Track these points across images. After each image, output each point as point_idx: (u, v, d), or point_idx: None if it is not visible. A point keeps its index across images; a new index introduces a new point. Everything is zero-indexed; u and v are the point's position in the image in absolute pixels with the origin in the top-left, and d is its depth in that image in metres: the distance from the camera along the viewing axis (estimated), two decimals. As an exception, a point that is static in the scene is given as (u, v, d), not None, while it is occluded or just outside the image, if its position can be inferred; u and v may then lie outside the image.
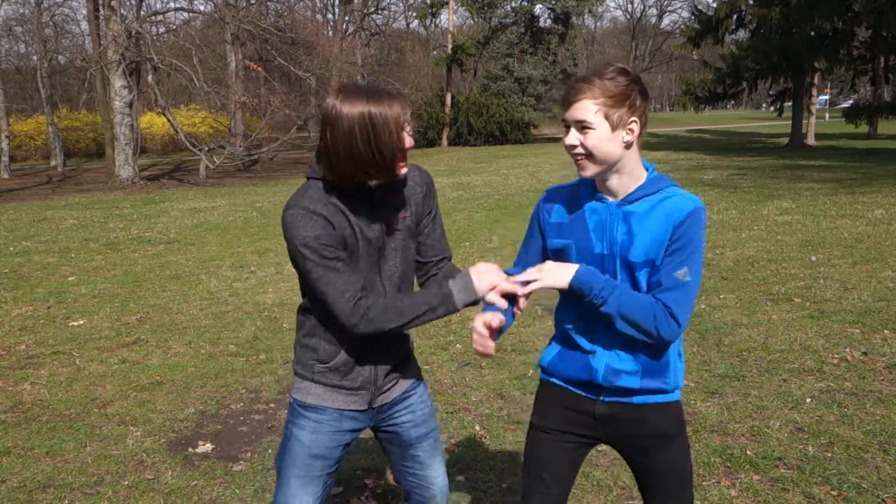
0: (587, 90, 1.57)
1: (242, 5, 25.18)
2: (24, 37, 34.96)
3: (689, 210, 1.62)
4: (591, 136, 1.59)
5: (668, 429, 1.73)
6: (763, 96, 46.75)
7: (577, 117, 1.59)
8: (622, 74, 1.59)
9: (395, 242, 1.82)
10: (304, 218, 1.68)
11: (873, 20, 19.85)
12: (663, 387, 1.71)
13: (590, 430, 1.78)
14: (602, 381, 1.70)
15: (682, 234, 1.61)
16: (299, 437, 1.86)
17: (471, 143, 33.02)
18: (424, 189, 1.88)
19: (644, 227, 1.63)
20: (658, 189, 1.66)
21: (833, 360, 4.24)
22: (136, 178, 19.83)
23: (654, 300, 1.61)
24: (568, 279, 1.64)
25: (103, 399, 4.17)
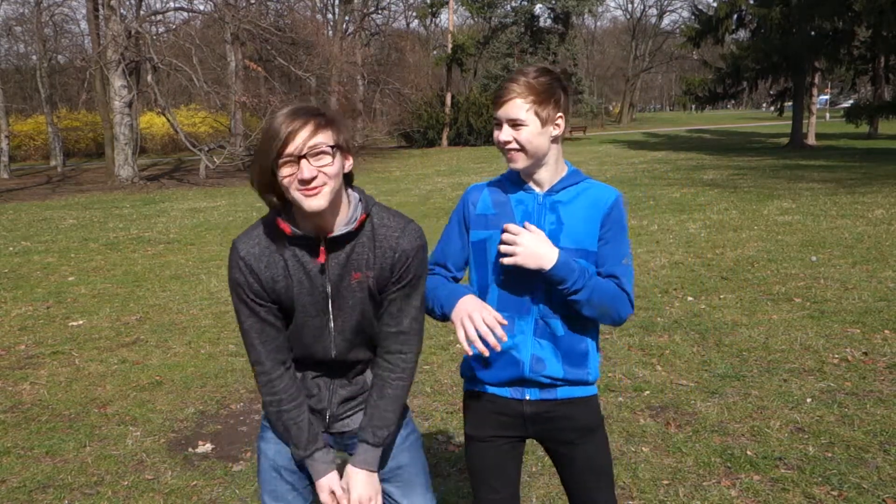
0: (517, 90, 1.66)
1: (242, 5, 25.18)
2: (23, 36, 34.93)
3: (613, 200, 1.74)
4: (523, 131, 1.67)
5: (591, 422, 1.81)
6: (763, 96, 46.75)
7: (510, 115, 1.67)
8: (545, 74, 1.68)
9: (350, 299, 1.66)
10: (235, 262, 1.64)
11: (874, 20, 19.84)
12: (585, 377, 1.78)
13: (521, 431, 1.83)
14: (529, 373, 1.75)
15: (613, 223, 1.73)
16: (265, 450, 1.81)
17: (471, 143, 33.03)
18: (395, 255, 1.64)
19: (571, 215, 1.73)
20: (578, 181, 1.77)
21: (833, 360, 4.24)
22: (136, 178, 19.82)
23: (614, 284, 1.71)
24: (550, 264, 1.66)
25: (103, 399, 4.16)
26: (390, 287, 1.67)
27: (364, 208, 1.66)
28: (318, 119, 1.56)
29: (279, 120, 1.54)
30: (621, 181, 14.68)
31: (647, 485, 2.94)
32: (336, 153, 1.57)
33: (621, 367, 4.30)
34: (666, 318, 5.25)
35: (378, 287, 1.67)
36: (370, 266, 1.65)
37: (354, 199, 1.68)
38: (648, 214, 10.15)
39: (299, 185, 1.52)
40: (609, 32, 72.45)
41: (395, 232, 1.67)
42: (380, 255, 1.65)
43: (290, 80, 27.22)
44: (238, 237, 1.66)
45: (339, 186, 1.60)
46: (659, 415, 3.62)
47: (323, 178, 1.53)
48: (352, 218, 1.64)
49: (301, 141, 1.52)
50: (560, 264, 1.66)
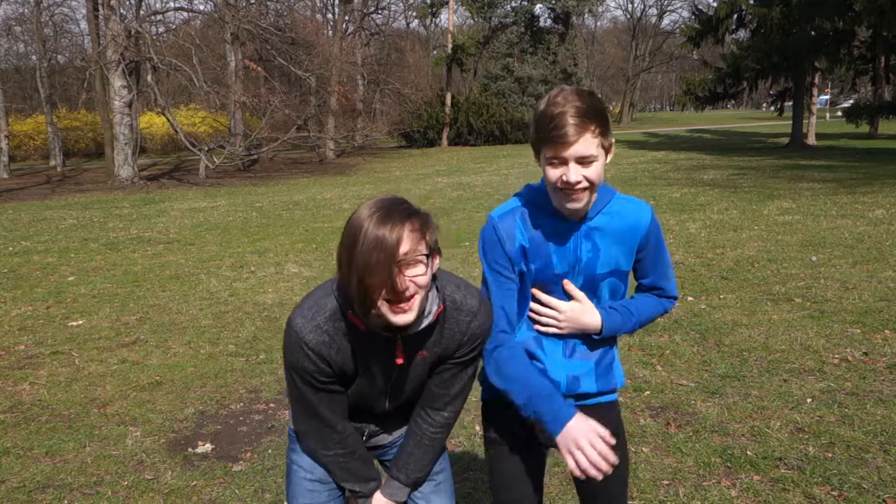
0: (581, 122, 1.49)
1: (242, 5, 25.20)
2: (23, 36, 34.96)
3: (648, 221, 1.69)
4: (593, 167, 1.53)
5: (616, 427, 1.76)
6: (763, 96, 46.75)
7: (582, 153, 1.51)
8: (590, 95, 1.54)
9: (409, 374, 1.64)
10: (300, 351, 1.52)
11: (874, 20, 19.82)
12: (612, 386, 1.79)
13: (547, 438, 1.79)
14: (566, 392, 1.73)
15: (651, 241, 1.71)
16: (300, 463, 1.79)
17: (471, 143, 33.03)
18: (465, 339, 1.60)
19: (607, 241, 1.67)
20: (609, 199, 1.67)
21: (833, 361, 4.23)
22: (136, 178, 19.83)
23: (655, 298, 1.77)
24: (598, 331, 1.68)
25: (103, 399, 4.16)
26: (450, 360, 1.64)
27: (440, 297, 1.55)
28: (413, 221, 1.39)
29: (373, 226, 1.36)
30: (621, 181, 14.68)
31: (647, 485, 2.94)
32: (429, 260, 1.42)
33: (621, 367, 4.29)
34: (666, 318, 5.24)
35: (440, 362, 1.64)
36: (437, 345, 1.59)
37: (431, 289, 1.55)
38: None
39: (386, 297, 1.38)
40: (609, 32, 72.44)
41: (467, 317, 1.58)
42: (448, 336, 1.59)
43: (290, 80, 27.24)
44: (299, 319, 1.52)
45: (428, 290, 1.48)
46: (659, 415, 3.62)
47: (414, 290, 1.40)
48: (429, 311, 1.53)
49: (402, 250, 1.36)
50: (607, 329, 1.69)
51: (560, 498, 2.85)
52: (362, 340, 1.53)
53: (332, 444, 1.68)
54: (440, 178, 17.95)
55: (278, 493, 3.03)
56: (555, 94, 1.54)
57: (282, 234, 10.12)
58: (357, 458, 1.70)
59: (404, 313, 1.41)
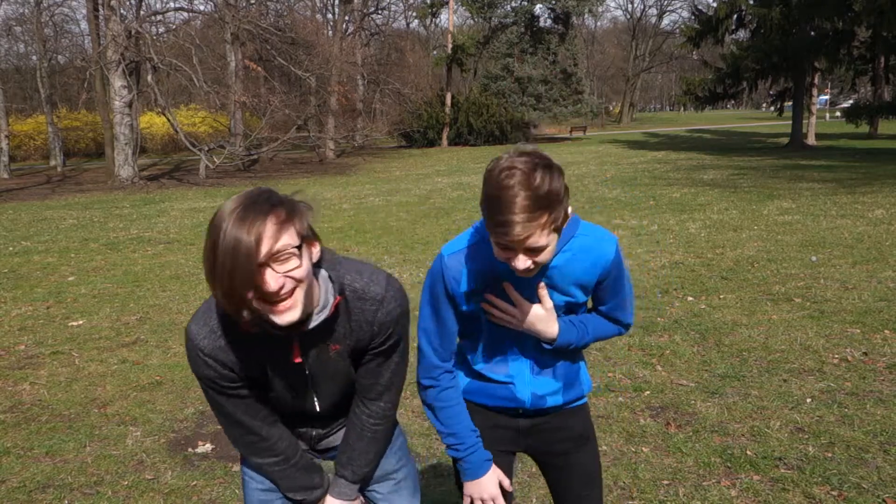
0: (529, 215, 1.33)
1: (242, 5, 25.20)
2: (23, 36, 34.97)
3: (612, 256, 1.59)
4: (545, 254, 1.44)
5: (584, 430, 1.78)
6: (763, 96, 46.76)
7: (532, 246, 1.39)
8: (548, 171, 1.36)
9: (331, 368, 1.56)
10: (197, 358, 1.45)
11: (874, 20, 19.83)
12: (580, 394, 1.77)
13: (515, 445, 1.79)
14: (530, 409, 1.72)
15: (613, 275, 1.64)
16: (250, 473, 1.74)
17: (471, 143, 33.03)
18: (375, 329, 1.51)
19: (566, 280, 1.60)
20: (570, 236, 1.56)
21: (833, 360, 4.23)
22: (136, 178, 19.83)
23: (611, 322, 1.73)
24: (552, 341, 1.63)
25: (103, 399, 4.16)
26: (368, 352, 1.57)
27: (336, 288, 1.46)
28: (276, 213, 1.29)
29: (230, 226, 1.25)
30: (621, 181, 14.68)
31: (647, 485, 2.94)
32: (302, 250, 1.32)
33: (621, 367, 4.30)
34: (666, 318, 5.25)
35: (356, 352, 1.57)
36: (348, 337, 1.52)
37: (325, 280, 1.46)
38: (648, 214, 10.15)
39: (262, 298, 1.28)
40: (609, 32, 72.44)
41: (372, 306, 1.49)
42: (357, 327, 1.51)
43: (290, 80, 27.24)
44: (193, 326, 1.46)
45: (311, 281, 1.38)
46: (659, 415, 3.62)
47: (292, 285, 1.30)
48: (325, 304, 1.44)
49: (265, 249, 1.25)
50: (561, 340, 1.63)
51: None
52: (258, 342, 1.43)
53: (262, 452, 1.61)
54: (440, 178, 17.95)
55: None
56: (506, 168, 1.36)
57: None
58: (293, 465, 1.64)
59: (287, 312, 1.31)
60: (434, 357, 1.68)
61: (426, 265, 7.48)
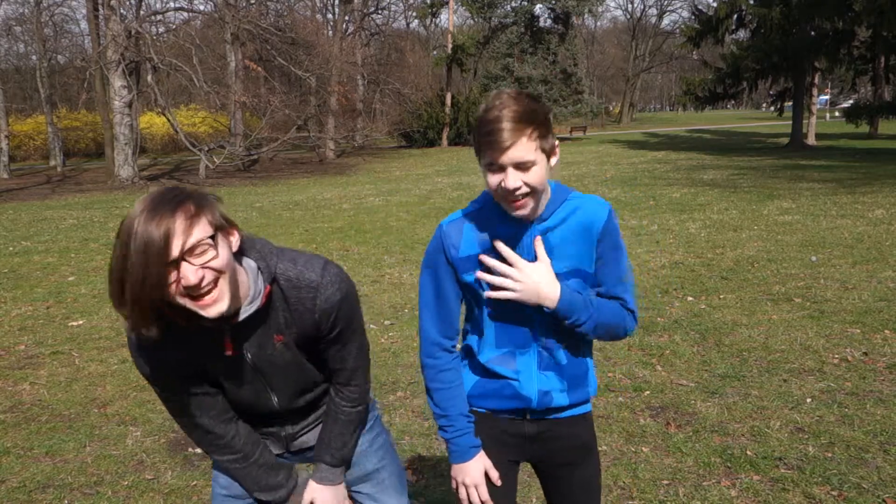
0: (516, 126, 1.43)
1: (242, 5, 25.20)
2: (23, 36, 34.97)
3: (605, 219, 1.59)
4: (533, 172, 1.46)
5: (589, 440, 1.76)
6: (763, 96, 46.75)
7: (517, 159, 1.44)
8: (528, 96, 1.48)
9: (280, 360, 1.53)
10: (139, 359, 1.46)
11: (874, 20, 19.83)
12: (585, 397, 1.72)
13: (520, 453, 1.75)
14: (537, 407, 1.67)
15: (608, 242, 1.60)
16: (217, 479, 1.72)
17: (471, 143, 32.91)
18: (317, 317, 1.48)
19: (563, 239, 1.58)
20: (564, 199, 1.59)
21: (833, 360, 4.23)
22: (136, 178, 19.83)
23: (618, 305, 1.62)
24: (552, 304, 1.54)
25: (103, 399, 4.16)
26: (321, 341, 1.55)
27: (267, 277, 1.43)
28: (184, 208, 1.26)
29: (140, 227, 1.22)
30: (621, 181, 14.68)
31: (647, 485, 2.94)
32: (217, 240, 1.30)
33: (621, 367, 4.30)
34: (666, 318, 5.25)
35: (305, 341, 1.53)
36: (289, 325, 1.49)
37: (252, 270, 1.43)
38: (648, 214, 10.15)
39: (185, 294, 1.26)
40: (609, 32, 72.44)
41: (308, 293, 1.46)
42: (297, 317, 1.48)
43: (290, 80, 27.26)
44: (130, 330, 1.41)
45: (234, 270, 1.35)
46: (659, 415, 3.62)
47: (212, 276, 1.28)
48: (255, 294, 1.42)
49: (177, 245, 1.23)
50: (563, 302, 1.54)
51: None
52: (193, 338, 1.40)
53: (220, 450, 1.60)
54: (440, 178, 17.95)
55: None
56: (493, 97, 1.48)
57: (282, 234, 10.12)
58: (252, 463, 1.62)
59: (214, 304, 1.29)
60: (434, 333, 1.66)
61: (426, 265, 7.48)
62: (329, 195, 15.38)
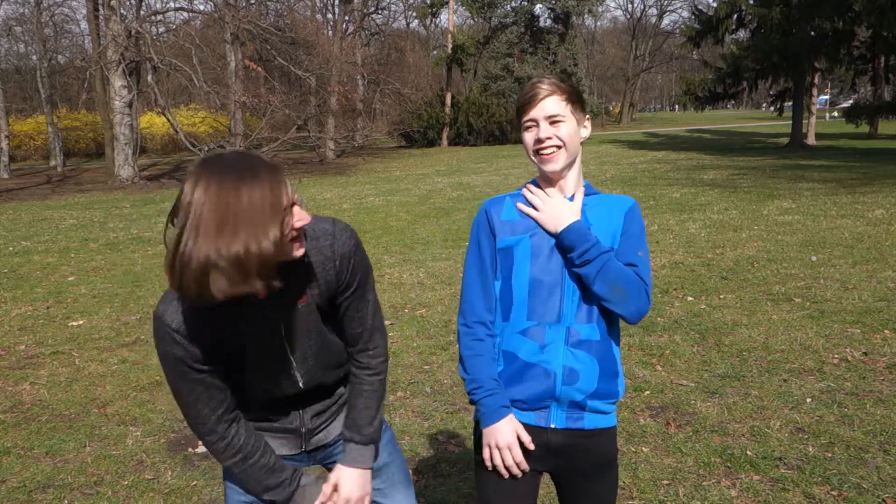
0: (549, 88, 1.65)
1: (242, 5, 25.20)
2: (23, 36, 34.99)
3: (632, 203, 1.74)
4: (562, 127, 1.65)
5: (611, 455, 1.75)
6: (763, 96, 46.75)
7: (549, 112, 1.64)
8: (566, 80, 1.71)
9: (304, 326, 1.57)
10: (166, 336, 1.49)
11: (874, 20, 19.82)
12: (616, 393, 1.71)
13: (540, 463, 1.72)
14: (562, 387, 1.64)
15: (633, 221, 1.70)
16: (231, 484, 1.72)
17: (471, 143, 33.03)
18: (337, 263, 1.54)
19: (598, 217, 1.70)
20: (595, 192, 1.76)
21: (833, 360, 4.24)
22: (136, 178, 19.83)
23: (633, 272, 1.64)
24: (561, 227, 1.65)
25: (103, 399, 4.16)
26: (340, 296, 1.59)
27: None
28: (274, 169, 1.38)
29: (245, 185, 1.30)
30: (621, 181, 14.68)
31: (647, 485, 2.94)
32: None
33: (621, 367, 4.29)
34: (666, 318, 5.25)
35: (328, 302, 1.58)
36: (313, 283, 1.53)
37: None
38: (648, 214, 10.15)
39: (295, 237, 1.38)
40: (609, 32, 72.42)
41: (326, 241, 1.53)
42: (320, 269, 1.53)
43: (290, 80, 27.26)
44: (160, 306, 1.48)
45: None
46: (659, 415, 3.62)
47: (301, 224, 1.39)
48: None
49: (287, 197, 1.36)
50: (574, 229, 1.63)
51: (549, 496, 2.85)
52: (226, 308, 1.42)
53: (226, 453, 1.61)
54: (440, 178, 17.95)
55: (278, 492, 3.03)
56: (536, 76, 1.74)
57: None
58: (254, 464, 1.62)
59: (301, 246, 1.41)
60: (476, 304, 1.73)
61: (426, 265, 7.48)
62: (329, 195, 15.38)
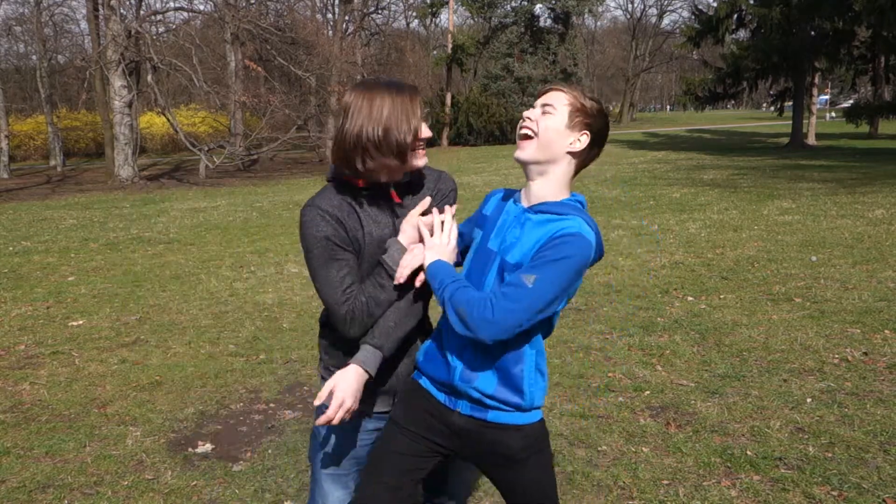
0: (566, 89, 1.70)
1: (242, 5, 25.20)
2: (23, 36, 34.96)
3: (570, 231, 1.55)
4: (548, 119, 1.66)
5: (523, 451, 1.70)
6: (763, 96, 46.76)
7: (547, 101, 1.68)
8: (597, 102, 1.73)
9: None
10: (318, 217, 1.74)
11: (874, 20, 19.84)
12: (518, 402, 1.66)
13: (445, 440, 1.76)
14: (458, 381, 1.67)
15: (551, 248, 1.54)
16: (327, 438, 1.92)
17: (471, 143, 33.03)
18: (433, 193, 1.89)
19: (529, 235, 1.63)
20: (565, 213, 1.62)
21: (833, 360, 4.24)
22: (136, 178, 19.82)
23: (488, 293, 1.59)
24: (428, 262, 1.71)
25: (103, 399, 4.16)
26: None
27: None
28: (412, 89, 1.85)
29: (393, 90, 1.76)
30: (622, 181, 14.68)
31: (647, 485, 2.94)
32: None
33: (621, 367, 4.30)
34: (666, 318, 5.25)
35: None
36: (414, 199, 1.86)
37: None
38: (648, 214, 10.14)
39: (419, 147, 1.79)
40: (609, 32, 72.39)
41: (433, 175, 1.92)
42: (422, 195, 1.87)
43: (290, 79, 27.21)
44: (309, 201, 1.79)
45: None
46: (659, 415, 3.62)
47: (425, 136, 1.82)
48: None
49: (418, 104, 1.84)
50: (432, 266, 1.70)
51: (560, 498, 2.85)
52: (363, 196, 1.79)
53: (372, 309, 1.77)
54: (440, 178, 17.94)
55: (278, 493, 3.03)
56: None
57: (282, 234, 10.12)
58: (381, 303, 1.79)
59: (424, 156, 1.81)
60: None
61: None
62: (329, 195, 15.36)
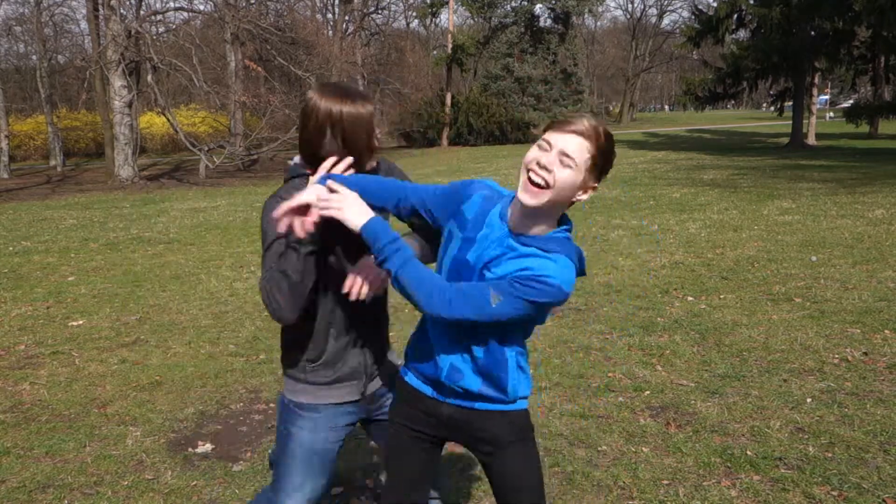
0: (589, 131, 1.51)
1: (242, 5, 25.20)
2: (23, 36, 34.97)
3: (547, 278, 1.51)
4: (565, 171, 1.50)
5: (508, 435, 1.73)
6: (763, 96, 46.76)
7: (569, 149, 1.50)
8: (611, 137, 1.57)
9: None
10: (275, 203, 1.75)
11: (874, 20, 19.84)
12: (502, 397, 1.70)
13: (435, 430, 1.80)
14: (445, 379, 1.70)
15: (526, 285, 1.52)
16: (298, 436, 1.92)
17: (471, 143, 33.03)
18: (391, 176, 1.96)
19: (510, 263, 1.57)
20: (549, 251, 1.55)
21: (833, 360, 4.24)
22: (136, 178, 19.82)
23: (450, 288, 1.56)
24: (361, 223, 1.60)
25: (103, 399, 4.16)
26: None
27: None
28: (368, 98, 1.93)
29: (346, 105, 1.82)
30: (621, 181, 14.68)
31: (647, 485, 2.94)
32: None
33: (621, 367, 4.30)
34: (666, 318, 5.25)
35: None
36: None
37: None
38: (648, 214, 10.15)
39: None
40: (609, 32, 72.38)
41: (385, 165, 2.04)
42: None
43: (290, 79, 27.21)
44: (274, 192, 1.84)
45: None
46: (659, 415, 3.62)
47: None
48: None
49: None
50: (368, 226, 1.59)
51: (560, 498, 2.85)
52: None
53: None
54: (440, 179, 17.94)
55: (278, 492, 3.03)
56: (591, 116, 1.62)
57: (282, 234, 10.11)
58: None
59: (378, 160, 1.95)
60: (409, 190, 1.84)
61: (426, 265, 7.48)
62: (329, 195, 15.36)
